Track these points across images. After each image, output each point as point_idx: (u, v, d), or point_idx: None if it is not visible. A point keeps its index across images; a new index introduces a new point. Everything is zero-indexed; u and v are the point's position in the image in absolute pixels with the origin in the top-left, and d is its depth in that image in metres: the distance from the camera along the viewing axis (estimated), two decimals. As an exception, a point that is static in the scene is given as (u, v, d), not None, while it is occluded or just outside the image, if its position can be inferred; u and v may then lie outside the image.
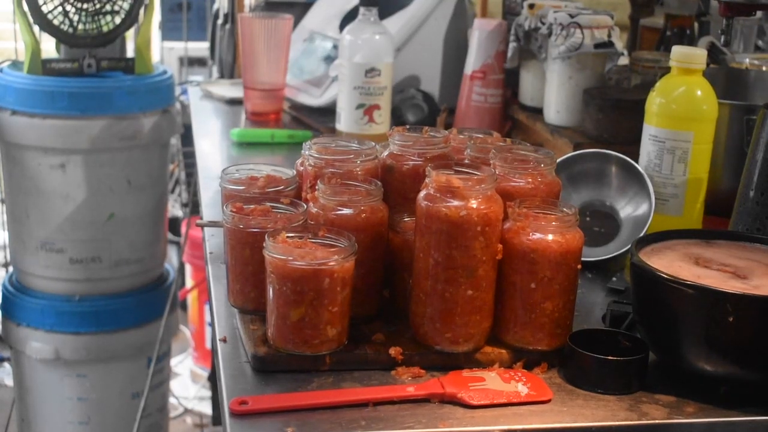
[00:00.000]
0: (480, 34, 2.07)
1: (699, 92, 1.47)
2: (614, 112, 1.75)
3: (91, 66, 2.54)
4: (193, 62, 4.08)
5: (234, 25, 2.81)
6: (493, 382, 1.09)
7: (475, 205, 1.09)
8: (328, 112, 2.18)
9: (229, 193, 1.28)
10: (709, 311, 1.05)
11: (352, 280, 1.11)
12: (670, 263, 1.14)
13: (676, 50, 1.48)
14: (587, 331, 1.16)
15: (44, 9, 2.50)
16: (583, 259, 1.16)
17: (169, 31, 4.15)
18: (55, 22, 2.51)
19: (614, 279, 1.40)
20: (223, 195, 1.31)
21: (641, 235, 1.37)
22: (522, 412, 1.04)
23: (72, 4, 2.52)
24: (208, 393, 3.47)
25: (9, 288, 2.75)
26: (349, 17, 2.24)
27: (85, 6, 2.53)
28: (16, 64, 2.69)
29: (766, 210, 1.32)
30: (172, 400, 3.30)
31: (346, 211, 1.15)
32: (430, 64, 2.26)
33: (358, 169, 1.22)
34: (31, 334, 2.66)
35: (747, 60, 1.99)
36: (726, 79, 1.79)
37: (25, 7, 2.50)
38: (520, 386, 1.08)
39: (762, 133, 1.34)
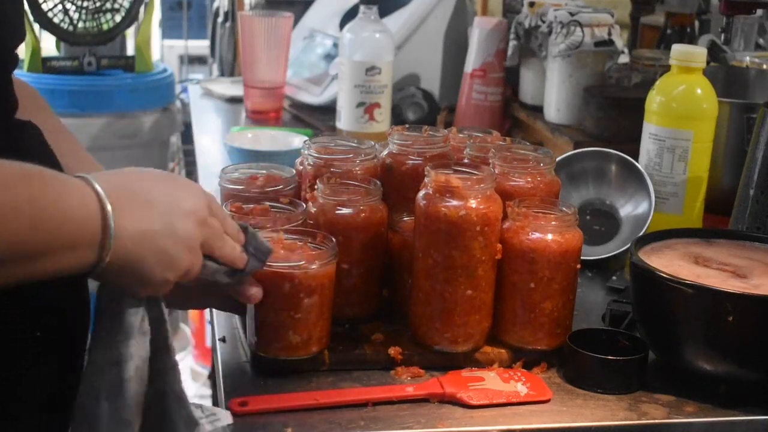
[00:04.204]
0: (480, 32, 2.07)
1: (699, 91, 1.47)
2: (614, 110, 1.75)
3: (91, 64, 2.54)
4: (194, 60, 4.08)
5: (234, 23, 2.81)
6: (492, 381, 1.09)
7: (474, 205, 1.08)
8: (329, 110, 2.17)
9: (229, 192, 1.28)
10: (708, 310, 1.04)
11: (326, 290, 1.08)
12: (670, 262, 1.14)
13: (677, 48, 1.48)
14: (587, 331, 1.16)
15: (44, 7, 2.49)
16: (582, 257, 1.16)
17: (169, 30, 4.15)
18: (56, 20, 2.51)
19: (614, 278, 1.40)
20: (222, 194, 1.31)
21: (641, 234, 1.36)
22: (521, 411, 1.04)
23: (72, 2, 2.52)
24: (208, 391, 3.46)
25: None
26: (350, 15, 2.24)
27: (85, 4, 2.53)
28: (16, 63, 2.69)
29: (766, 209, 1.31)
30: (172, 398, 3.29)
31: (345, 210, 1.15)
32: (431, 63, 2.25)
33: (357, 168, 1.22)
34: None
35: (747, 58, 1.98)
36: (726, 78, 1.79)
37: (26, 5, 2.50)
38: (519, 386, 1.08)
39: (762, 131, 1.34)
